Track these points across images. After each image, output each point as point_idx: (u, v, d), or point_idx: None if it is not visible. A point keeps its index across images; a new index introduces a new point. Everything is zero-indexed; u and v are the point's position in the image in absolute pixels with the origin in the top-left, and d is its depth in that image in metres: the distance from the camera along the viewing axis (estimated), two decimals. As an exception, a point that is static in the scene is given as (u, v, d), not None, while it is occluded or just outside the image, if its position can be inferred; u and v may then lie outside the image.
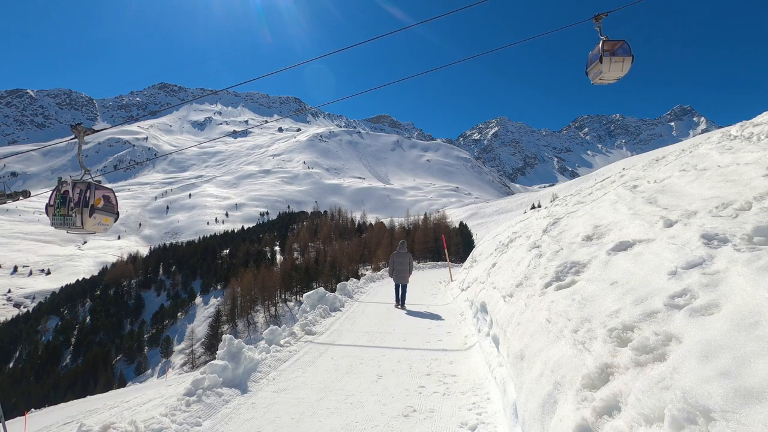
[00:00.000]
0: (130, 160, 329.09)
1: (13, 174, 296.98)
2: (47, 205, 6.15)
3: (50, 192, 6.13)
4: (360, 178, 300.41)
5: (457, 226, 59.56)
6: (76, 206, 5.88)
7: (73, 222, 6.01)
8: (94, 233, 6.63)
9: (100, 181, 6.13)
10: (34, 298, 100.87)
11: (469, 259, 18.24)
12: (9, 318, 79.66)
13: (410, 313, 9.58)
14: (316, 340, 7.24)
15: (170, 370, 44.80)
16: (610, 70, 7.46)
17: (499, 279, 6.27)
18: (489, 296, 6.20)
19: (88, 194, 6.01)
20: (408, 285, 10.53)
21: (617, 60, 7.34)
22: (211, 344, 48.36)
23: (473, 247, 27.42)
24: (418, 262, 29.05)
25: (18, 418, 15.76)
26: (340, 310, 9.87)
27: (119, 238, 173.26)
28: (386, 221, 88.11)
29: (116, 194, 6.64)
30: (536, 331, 3.38)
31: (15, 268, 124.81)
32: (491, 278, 7.18)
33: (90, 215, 6.01)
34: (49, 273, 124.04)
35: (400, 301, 10.33)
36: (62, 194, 5.94)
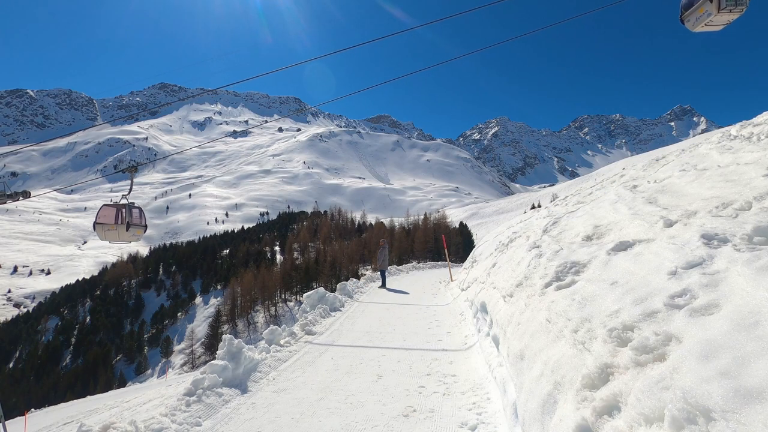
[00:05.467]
0: (130, 160, 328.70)
1: (13, 174, 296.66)
2: None
3: None
4: (360, 178, 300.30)
5: (457, 226, 59.63)
6: None
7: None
8: None
9: None
10: (34, 298, 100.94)
11: (469, 259, 18.21)
12: (9, 318, 79.69)
13: (410, 313, 9.58)
14: (316, 340, 7.23)
15: (170, 370, 44.81)
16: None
17: (499, 279, 6.26)
18: (489, 296, 6.18)
19: None
20: (389, 274, 15.09)
21: None
22: (211, 344, 48.36)
23: (473, 247, 27.39)
24: (418, 262, 29.04)
25: (18, 418, 15.73)
26: (340, 310, 9.85)
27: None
28: (386, 221, 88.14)
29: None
30: (536, 331, 3.38)
31: (15, 268, 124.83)
32: (491, 278, 7.17)
33: None
34: (49, 273, 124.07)
35: (382, 283, 14.10)
36: None
